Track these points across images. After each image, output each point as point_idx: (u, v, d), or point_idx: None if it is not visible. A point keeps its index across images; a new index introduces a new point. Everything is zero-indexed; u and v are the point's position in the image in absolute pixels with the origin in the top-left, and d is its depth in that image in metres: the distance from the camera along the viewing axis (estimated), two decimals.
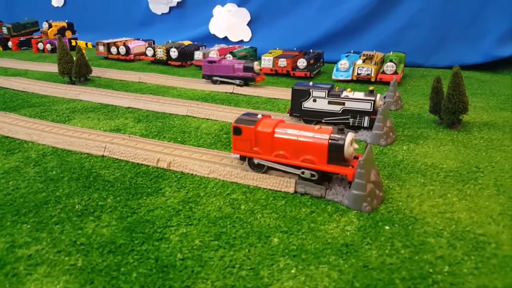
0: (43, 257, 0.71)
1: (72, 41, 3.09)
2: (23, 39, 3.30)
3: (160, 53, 2.54)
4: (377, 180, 0.88)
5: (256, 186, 0.97)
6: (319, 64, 2.30)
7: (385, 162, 1.10)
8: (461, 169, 1.04)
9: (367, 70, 2.02)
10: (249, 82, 1.91)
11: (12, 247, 0.74)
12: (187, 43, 2.72)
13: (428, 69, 2.42)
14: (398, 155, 1.14)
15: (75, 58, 1.98)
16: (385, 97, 1.60)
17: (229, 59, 2.09)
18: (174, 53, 2.49)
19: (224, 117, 1.47)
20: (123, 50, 2.67)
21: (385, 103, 1.37)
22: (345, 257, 0.71)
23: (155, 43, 2.85)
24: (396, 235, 0.77)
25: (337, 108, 1.31)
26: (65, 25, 3.16)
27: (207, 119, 1.49)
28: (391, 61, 1.99)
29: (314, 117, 1.36)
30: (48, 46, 3.06)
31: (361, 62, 2.06)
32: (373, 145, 1.17)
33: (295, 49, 2.41)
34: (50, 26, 3.11)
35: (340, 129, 0.92)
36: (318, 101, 1.33)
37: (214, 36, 3.08)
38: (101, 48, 2.76)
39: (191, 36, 3.09)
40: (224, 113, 1.49)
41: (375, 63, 2.04)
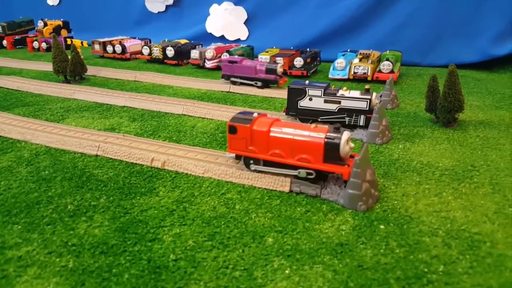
0: (34, 258, 0.70)
1: (67, 39, 3.07)
2: (18, 37, 3.27)
3: (156, 52, 2.53)
4: (372, 179, 0.87)
5: (251, 185, 0.96)
6: (315, 63, 2.29)
7: (381, 161, 1.09)
8: (457, 168, 1.04)
9: (363, 69, 2.01)
10: (272, 84, 1.86)
11: (2, 248, 0.73)
12: (183, 41, 2.71)
13: (424, 68, 2.42)
14: (394, 154, 1.13)
15: (70, 56, 1.97)
16: (381, 96, 1.59)
17: (250, 60, 2.01)
18: (170, 52, 2.48)
19: (220, 116, 1.46)
20: (119, 48, 2.65)
21: (381, 101, 1.36)
22: (340, 256, 0.70)
23: (151, 42, 2.83)
24: (391, 235, 0.76)
25: (333, 106, 1.31)
26: (60, 23, 3.13)
27: (203, 118, 1.48)
28: (388, 60, 1.99)
29: (310, 116, 1.35)
30: (43, 44, 3.04)
31: (358, 61, 2.06)
32: (369, 144, 1.17)
33: (292, 47, 2.41)
34: (45, 24, 3.08)
35: (336, 128, 0.91)
36: (314, 100, 1.33)
37: (210, 34, 3.07)
38: (97, 46, 2.74)
39: (187, 34, 3.08)
40: (220, 112, 1.48)
41: (371, 62, 2.03)
